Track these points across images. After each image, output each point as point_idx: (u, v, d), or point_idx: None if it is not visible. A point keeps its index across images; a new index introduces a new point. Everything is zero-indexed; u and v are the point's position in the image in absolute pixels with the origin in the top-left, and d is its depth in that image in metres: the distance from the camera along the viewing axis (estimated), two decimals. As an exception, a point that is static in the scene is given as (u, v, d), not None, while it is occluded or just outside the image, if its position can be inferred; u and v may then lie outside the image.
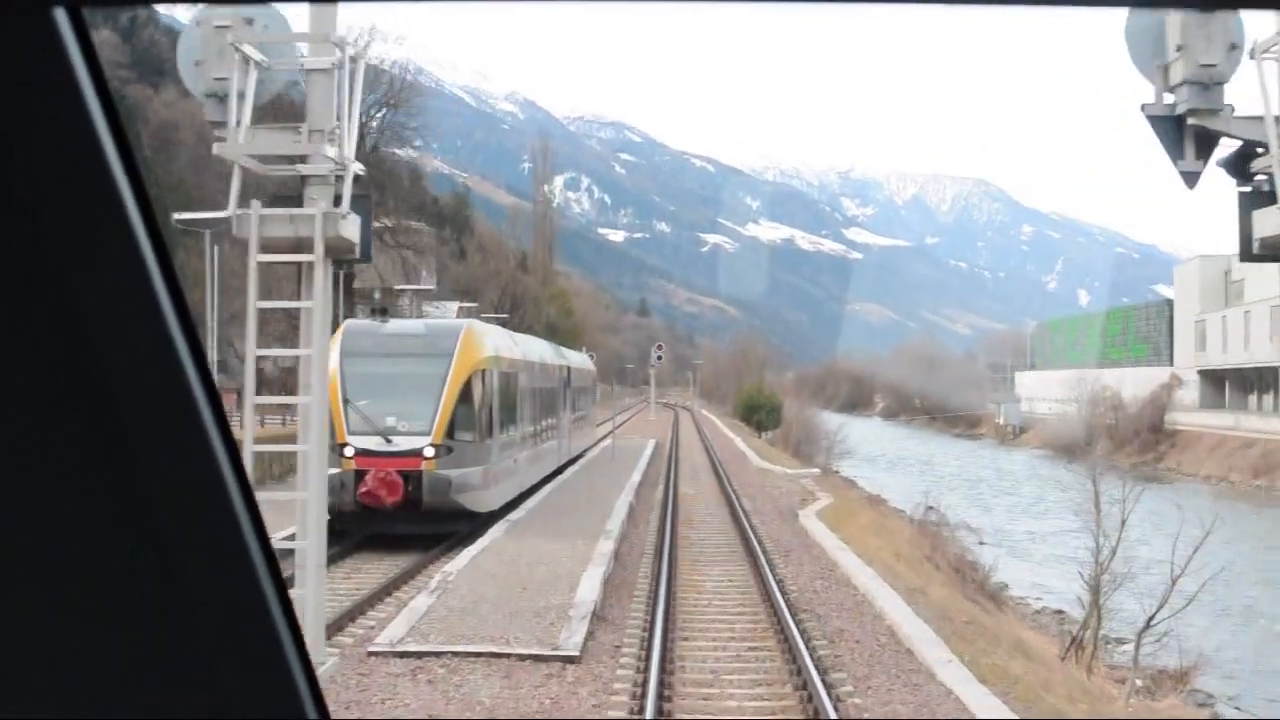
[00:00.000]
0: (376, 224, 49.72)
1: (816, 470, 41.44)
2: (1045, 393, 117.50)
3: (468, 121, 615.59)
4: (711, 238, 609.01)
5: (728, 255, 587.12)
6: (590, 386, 50.25)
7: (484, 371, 23.96)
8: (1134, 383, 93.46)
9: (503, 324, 79.92)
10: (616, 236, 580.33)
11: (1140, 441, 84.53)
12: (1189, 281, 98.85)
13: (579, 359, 47.80)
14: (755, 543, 22.38)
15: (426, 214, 58.82)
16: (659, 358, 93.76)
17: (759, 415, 77.27)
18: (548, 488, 30.45)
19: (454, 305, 55.39)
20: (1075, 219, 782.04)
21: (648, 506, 28.49)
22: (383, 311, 26.15)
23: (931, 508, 34.41)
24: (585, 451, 45.40)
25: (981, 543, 32.49)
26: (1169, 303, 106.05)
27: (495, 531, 22.47)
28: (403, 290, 48.20)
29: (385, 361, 23.05)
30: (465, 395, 23.09)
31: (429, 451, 22.19)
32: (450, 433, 22.64)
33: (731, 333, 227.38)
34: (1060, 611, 28.07)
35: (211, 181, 52.61)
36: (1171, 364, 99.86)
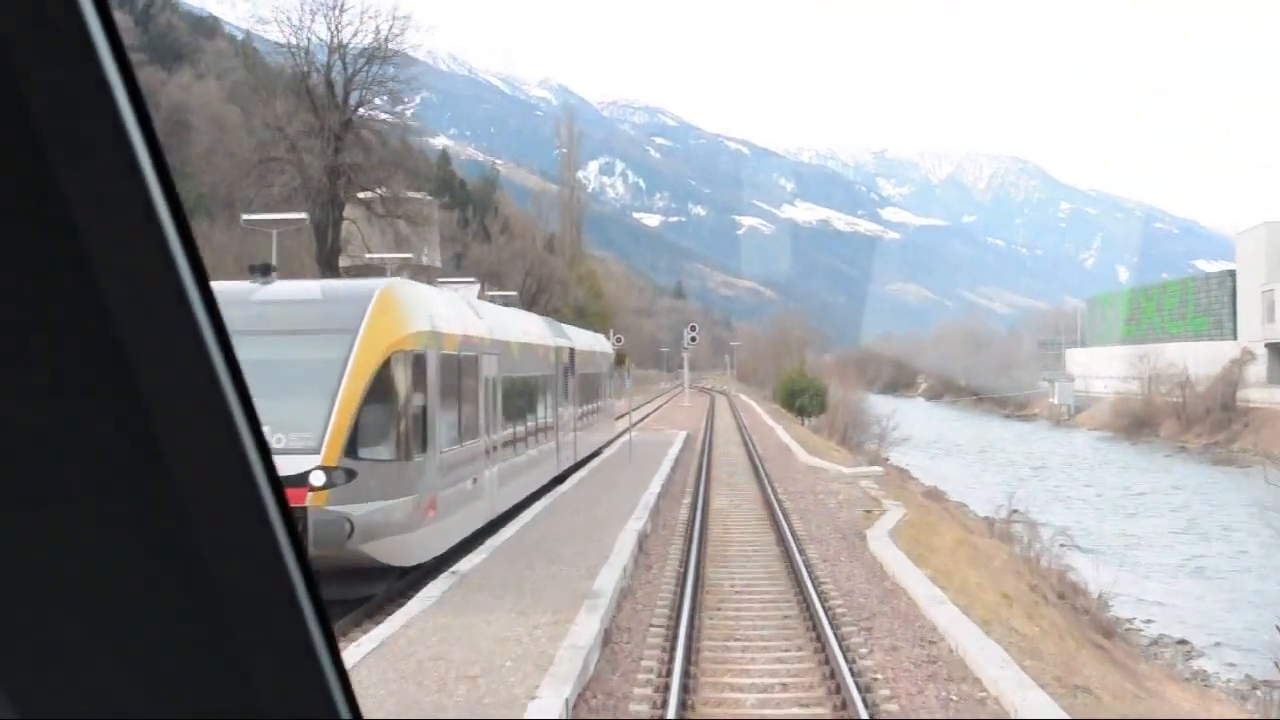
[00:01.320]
0: (366, 194, 45.40)
1: (878, 469, 35.02)
2: (1102, 370, 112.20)
3: (500, 109, 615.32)
4: (747, 220, 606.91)
5: (763, 237, 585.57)
6: (606, 373, 41.86)
7: (413, 354, 16.22)
8: (1201, 358, 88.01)
9: (527, 307, 75.81)
10: (652, 221, 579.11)
11: (1211, 421, 79.08)
12: (1254, 249, 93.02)
13: (589, 339, 39.79)
14: (817, 603, 14.64)
15: (422, 179, 52.65)
16: (693, 339, 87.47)
17: (801, 400, 71.65)
18: (533, 509, 22.78)
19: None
20: (1113, 195, 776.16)
21: (666, 534, 20.96)
22: (264, 270, 17.59)
23: (1016, 510, 29.92)
24: (600, 450, 38.44)
25: (1065, 545, 27.45)
26: (1231, 273, 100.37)
27: (428, 594, 14.95)
28: (387, 260, 41.25)
29: (256, 342, 15.14)
30: (379, 390, 15.60)
31: (317, 478, 14.80)
32: (352, 448, 15.17)
33: (768, 315, 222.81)
34: (1184, 642, 23.73)
35: (223, 161, 49.20)
36: (1235, 337, 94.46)
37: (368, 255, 39.87)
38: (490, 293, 43.04)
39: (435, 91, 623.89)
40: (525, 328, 26.66)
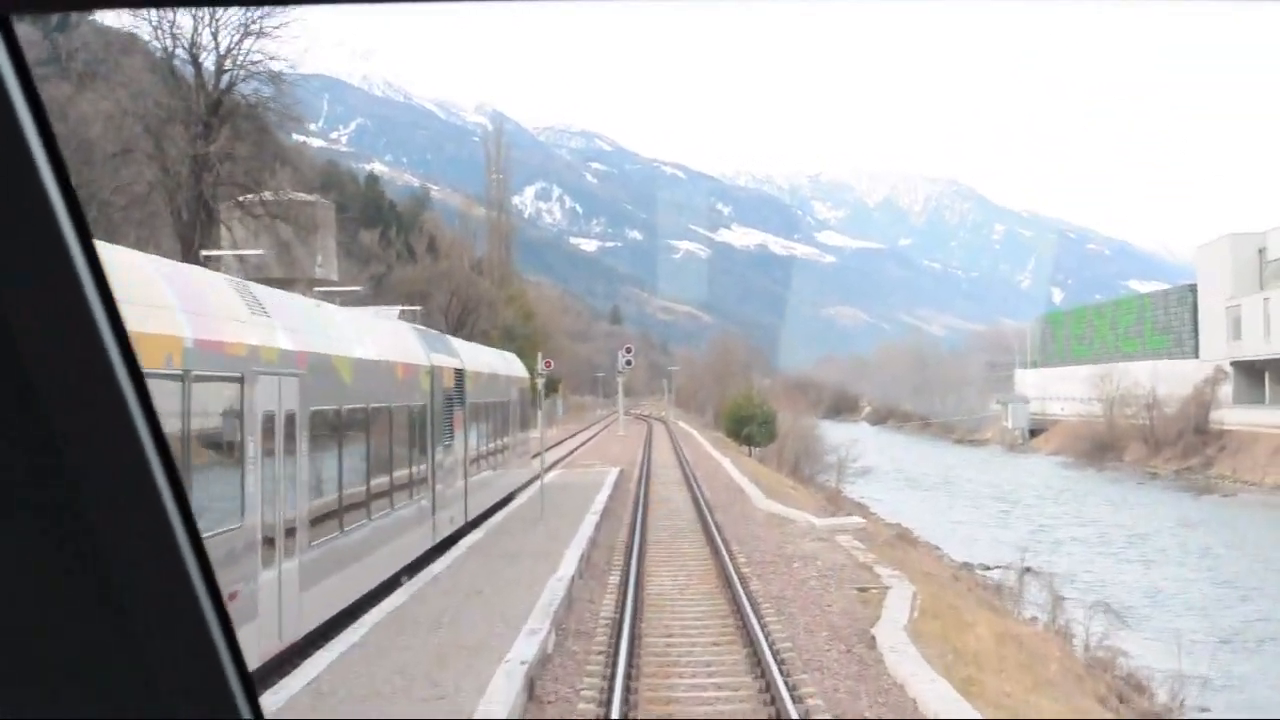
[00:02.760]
0: (249, 195, 38.63)
1: (857, 520, 28.39)
2: (1057, 391, 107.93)
3: (437, 134, 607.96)
4: (684, 245, 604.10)
5: (700, 262, 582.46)
6: (518, 401, 34.32)
7: None
8: (1168, 378, 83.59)
9: (453, 330, 69.60)
10: (589, 246, 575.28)
11: (1183, 445, 74.28)
12: (1216, 263, 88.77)
13: (489, 360, 31.82)
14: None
15: (306, 180, 44.76)
16: (628, 362, 79.47)
17: (749, 429, 64.86)
18: (369, 617, 15.34)
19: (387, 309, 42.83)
20: (1047, 217, 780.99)
21: (579, 655, 13.98)
22: None
23: (1029, 569, 24.61)
24: (510, 498, 31.67)
25: (1100, 608, 21.96)
26: (1191, 288, 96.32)
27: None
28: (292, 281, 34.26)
29: None
30: None
31: None
32: None
33: (706, 339, 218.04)
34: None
35: (74, 156, 42.34)
36: (1196, 355, 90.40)
37: (223, 252, 33.17)
38: (400, 309, 36.29)
39: (370, 117, 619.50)
40: (373, 337, 18.79)
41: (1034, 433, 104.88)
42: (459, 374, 24.76)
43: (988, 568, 36.80)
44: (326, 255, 40.66)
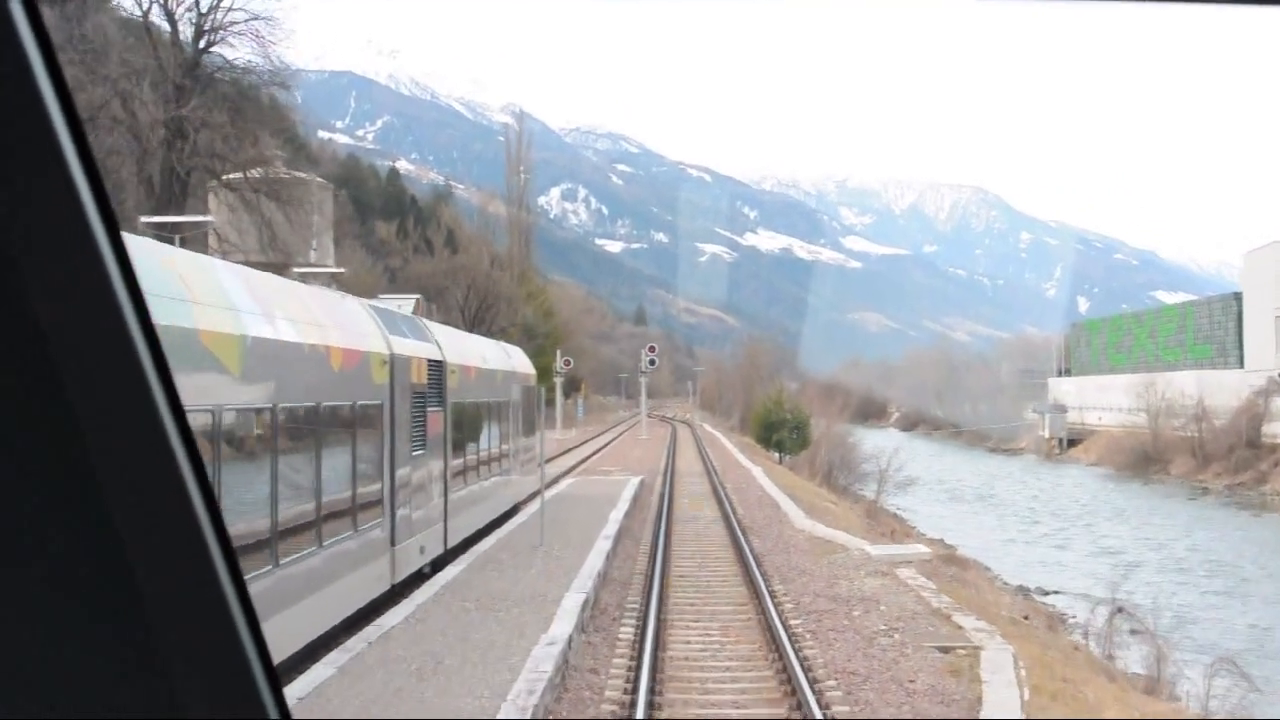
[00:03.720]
0: (235, 172, 35.02)
1: (921, 550, 24.49)
2: (1096, 400, 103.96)
3: (464, 134, 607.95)
4: (709, 247, 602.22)
5: (726, 265, 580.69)
6: (516, 402, 28.97)
7: None
8: (1216, 388, 79.71)
9: (469, 327, 66.19)
10: (614, 247, 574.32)
11: (1235, 459, 70.23)
12: (1264, 270, 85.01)
13: (473, 349, 26.37)
14: None
15: (302, 156, 40.92)
16: (652, 362, 75.17)
17: (780, 435, 61.11)
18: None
19: (397, 300, 38.23)
20: (1073, 226, 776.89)
21: None
22: None
23: (1121, 609, 21.18)
24: (511, 514, 27.45)
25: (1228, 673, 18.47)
26: (1237, 296, 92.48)
27: None
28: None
29: None
30: None
31: None
32: None
33: (730, 342, 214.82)
34: None
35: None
36: (1241, 365, 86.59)
37: (166, 219, 28.91)
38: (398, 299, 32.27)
39: (397, 115, 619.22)
40: (293, 310, 13.89)
41: (1072, 442, 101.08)
42: (436, 366, 20.23)
43: (1046, 592, 33.50)
44: (322, 241, 36.93)
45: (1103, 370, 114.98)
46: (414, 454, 18.23)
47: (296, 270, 29.48)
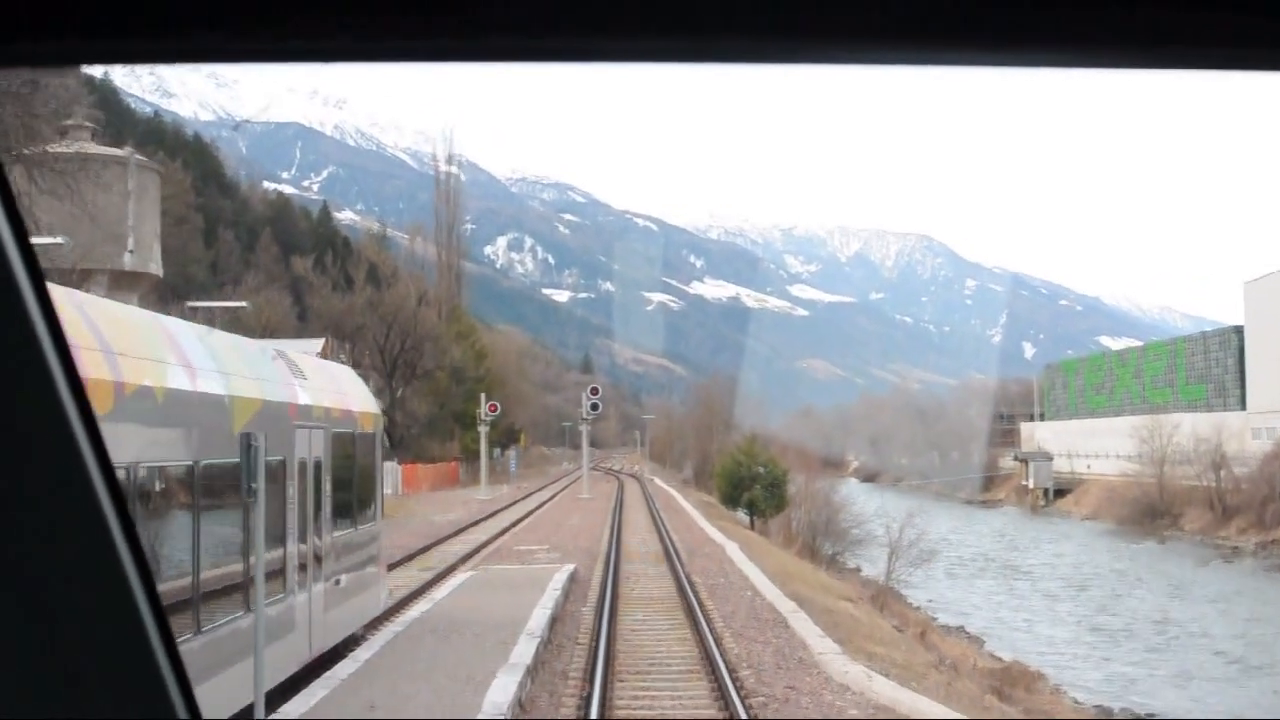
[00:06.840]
0: (30, 148, 26.11)
1: None
2: (1083, 446, 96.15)
3: (410, 183, 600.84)
4: (657, 296, 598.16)
5: (673, 314, 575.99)
6: (317, 458, 15.99)
7: None
8: (1216, 431, 71.81)
9: (390, 369, 57.15)
10: (561, 297, 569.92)
11: (1271, 513, 61.38)
12: (1268, 303, 77.70)
13: (152, 348, 11.76)
14: None
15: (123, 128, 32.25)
16: (594, 406, 61.66)
17: (752, 494, 50.63)
18: None
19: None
20: (1017, 273, 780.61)
21: None
22: None
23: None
24: (343, 648, 17.03)
25: None
26: (1237, 330, 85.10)
27: None
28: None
29: None
30: None
31: None
32: None
33: (679, 391, 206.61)
34: None
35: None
36: (1243, 406, 79.15)
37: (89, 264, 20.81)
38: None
39: (342, 166, 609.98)
40: None
41: (1059, 493, 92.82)
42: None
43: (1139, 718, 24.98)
44: (142, 239, 27.67)
45: (1081, 414, 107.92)
46: None
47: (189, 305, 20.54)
